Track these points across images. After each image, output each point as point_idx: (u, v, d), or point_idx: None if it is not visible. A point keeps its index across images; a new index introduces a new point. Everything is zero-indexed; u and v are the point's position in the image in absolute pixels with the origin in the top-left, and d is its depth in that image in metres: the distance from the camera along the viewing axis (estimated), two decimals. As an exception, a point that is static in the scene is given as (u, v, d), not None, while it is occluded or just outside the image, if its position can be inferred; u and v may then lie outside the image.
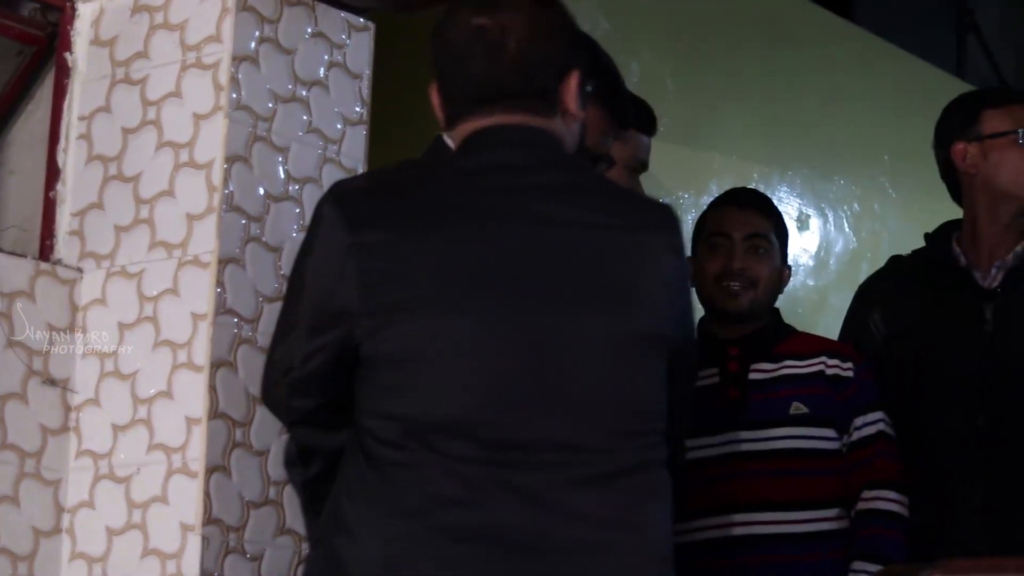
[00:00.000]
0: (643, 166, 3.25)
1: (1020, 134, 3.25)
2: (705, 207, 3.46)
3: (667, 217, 2.25)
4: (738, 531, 3.09)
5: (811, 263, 5.13)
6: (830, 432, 3.15)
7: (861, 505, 3.12)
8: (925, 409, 3.23)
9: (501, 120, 2.18)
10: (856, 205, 5.44)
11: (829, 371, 3.19)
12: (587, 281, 2.12)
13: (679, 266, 2.22)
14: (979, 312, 3.23)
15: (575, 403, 2.08)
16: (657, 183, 4.51)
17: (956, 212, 3.43)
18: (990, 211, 3.29)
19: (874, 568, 3.02)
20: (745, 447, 3.15)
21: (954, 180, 3.36)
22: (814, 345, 3.25)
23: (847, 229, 5.41)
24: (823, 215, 5.33)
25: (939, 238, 3.38)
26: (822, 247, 5.31)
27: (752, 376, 3.21)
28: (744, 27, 5.08)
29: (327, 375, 2.12)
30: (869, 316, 3.37)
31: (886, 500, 3.11)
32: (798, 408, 3.17)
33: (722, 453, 3.14)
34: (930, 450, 3.20)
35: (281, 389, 2.16)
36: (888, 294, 3.37)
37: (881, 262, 3.62)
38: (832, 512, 3.13)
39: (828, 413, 3.16)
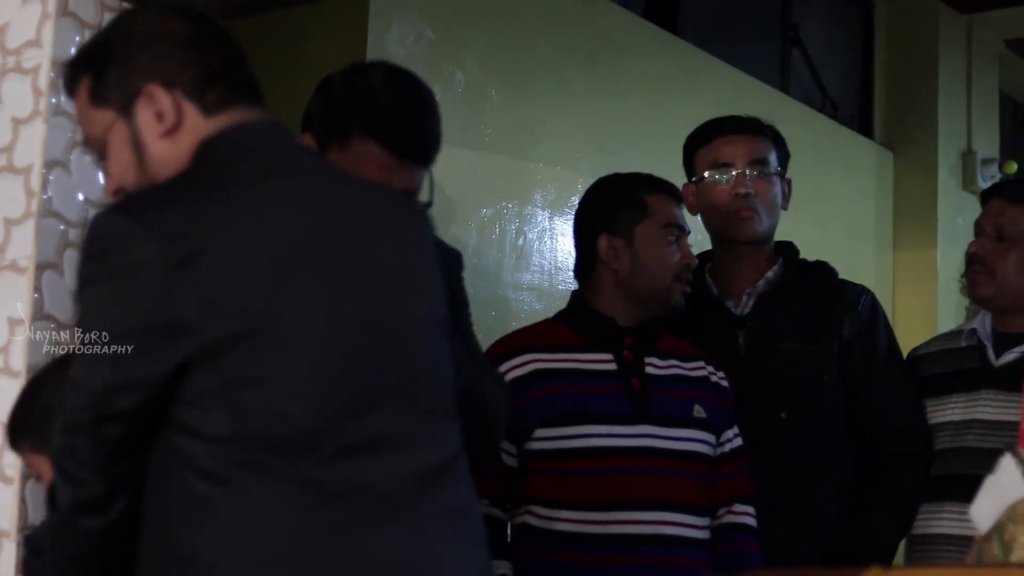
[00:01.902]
0: None
1: (709, 174, 3.46)
2: (580, 197, 3.47)
3: (425, 210, 2.41)
4: (648, 529, 3.08)
5: (634, 274, 5.16)
6: (715, 439, 3.23)
7: (731, 518, 3.21)
8: None
9: (247, 117, 2.19)
10: None
11: (712, 378, 3.28)
12: (403, 272, 2.20)
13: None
14: (733, 339, 3.40)
15: (416, 394, 2.15)
16: (481, 192, 4.61)
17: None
18: (718, 245, 3.51)
19: None
20: (656, 443, 3.14)
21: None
22: (686, 348, 3.31)
23: (670, 241, 5.51)
24: (647, 227, 5.41)
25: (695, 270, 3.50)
26: (645, 258, 5.38)
27: (648, 370, 3.20)
28: (570, 39, 5.16)
29: (147, 398, 2.02)
30: None
31: (750, 516, 3.24)
32: (699, 412, 3.21)
33: (635, 446, 3.12)
34: None
35: (86, 429, 2.02)
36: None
37: (701, 273, 3.74)
38: (708, 520, 3.21)
39: (716, 420, 3.24)
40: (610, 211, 3.27)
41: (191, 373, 2.00)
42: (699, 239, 3.92)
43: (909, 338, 7.10)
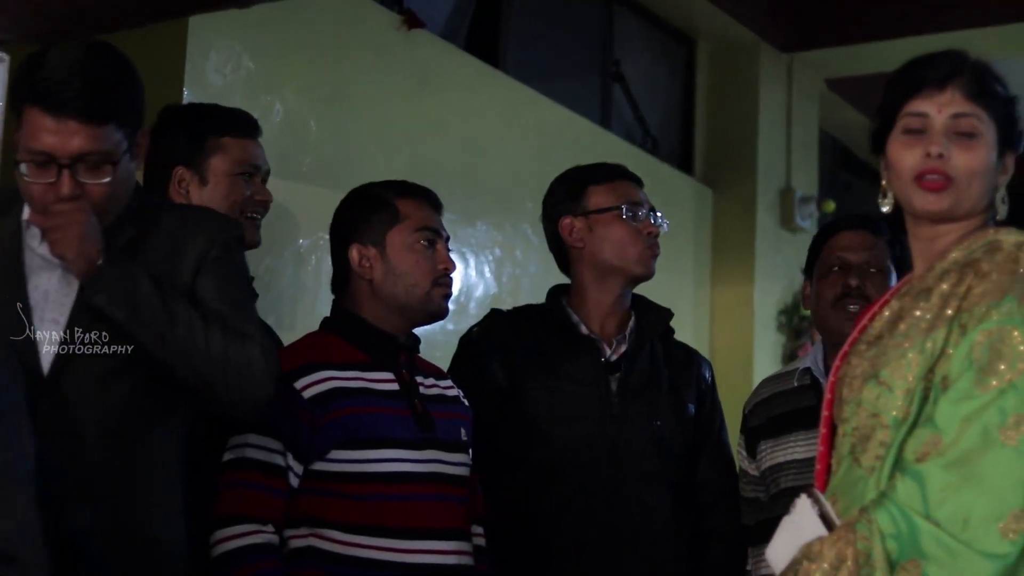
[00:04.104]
0: (256, 169, 3.41)
1: (624, 209, 3.55)
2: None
3: None
4: (451, 559, 3.11)
5: (451, 307, 5.14)
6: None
7: (478, 541, 3.28)
8: (548, 467, 3.45)
9: None
10: (498, 250, 5.67)
11: (462, 398, 3.32)
12: None
13: None
14: (606, 383, 3.50)
15: None
16: (298, 223, 4.69)
17: None
18: (599, 283, 3.58)
19: None
20: (444, 469, 3.16)
21: (562, 252, 3.64)
22: (433, 365, 3.35)
23: (488, 274, 5.64)
24: (465, 260, 5.51)
25: (554, 304, 3.61)
26: (463, 292, 5.48)
27: (420, 390, 3.21)
28: (390, 70, 5.28)
29: None
30: (488, 365, 3.52)
31: (483, 537, 3.32)
32: (464, 434, 3.25)
33: (427, 471, 3.12)
34: (550, 506, 3.42)
35: None
36: (507, 347, 3.53)
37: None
38: None
39: (469, 440, 3.27)
40: (361, 219, 3.26)
41: None
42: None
43: (726, 373, 7.34)
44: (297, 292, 4.70)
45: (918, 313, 2.39)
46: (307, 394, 3.07)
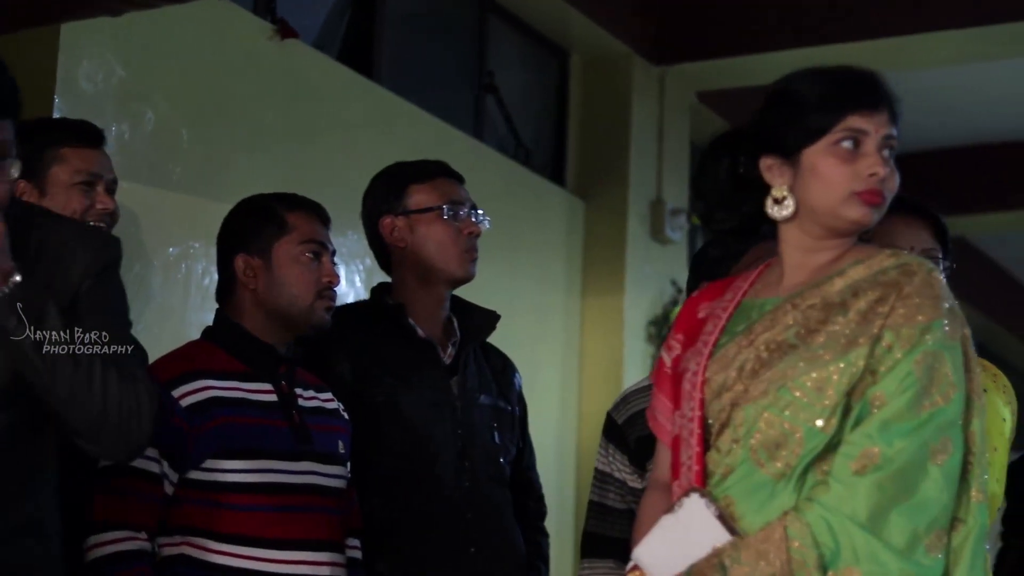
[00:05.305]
0: (96, 177, 3.35)
1: (445, 209, 3.55)
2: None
3: None
4: (325, 571, 3.15)
5: (322, 316, 5.30)
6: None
7: (352, 553, 3.34)
8: (401, 472, 3.47)
9: None
10: (368, 260, 5.60)
11: (342, 411, 3.36)
12: None
13: None
14: (448, 386, 3.54)
15: None
16: (167, 232, 4.74)
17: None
18: (422, 284, 3.57)
19: None
20: (320, 481, 3.20)
21: (383, 252, 3.63)
22: (315, 378, 3.36)
23: (359, 283, 5.70)
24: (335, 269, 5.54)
25: (391, 305, 3.58)
26: (334, 300, 5.51)
27: (299, 402, 3.24)
28: (264, 80, 5.34)
29: None
30: (335, 365, 3.48)
31: (359, 549, 3.38)
32: (342, 447, 3.28)
33: (302, 483, 3.16)
34: (407, 511, 3.46)
35: None
36: (353, 347, 3.51)
37: (390, 316, 3.85)
38: None
39: (347, 453, 3.32)
40: (248, 228, 3.29)
41: None
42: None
43: (596, 382, 7.52)
44: (166, 300, 4.73)
45: (836, 328, 2.44)
46: (184, 402, 3.11)
